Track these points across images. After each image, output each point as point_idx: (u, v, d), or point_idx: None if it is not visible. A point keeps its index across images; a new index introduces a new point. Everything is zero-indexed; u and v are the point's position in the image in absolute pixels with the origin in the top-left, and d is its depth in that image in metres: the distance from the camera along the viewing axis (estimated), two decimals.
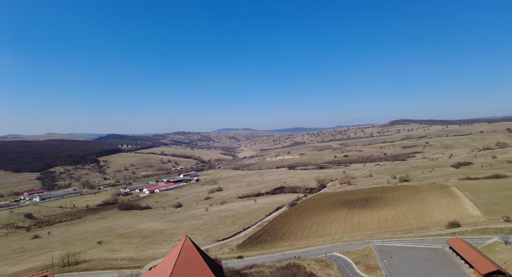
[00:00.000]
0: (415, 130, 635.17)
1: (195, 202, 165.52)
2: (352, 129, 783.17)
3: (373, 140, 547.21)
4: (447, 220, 70.31)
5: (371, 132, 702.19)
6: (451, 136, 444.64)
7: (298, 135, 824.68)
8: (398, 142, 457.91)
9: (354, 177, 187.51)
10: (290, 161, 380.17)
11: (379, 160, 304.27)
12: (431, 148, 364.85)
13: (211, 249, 69.03)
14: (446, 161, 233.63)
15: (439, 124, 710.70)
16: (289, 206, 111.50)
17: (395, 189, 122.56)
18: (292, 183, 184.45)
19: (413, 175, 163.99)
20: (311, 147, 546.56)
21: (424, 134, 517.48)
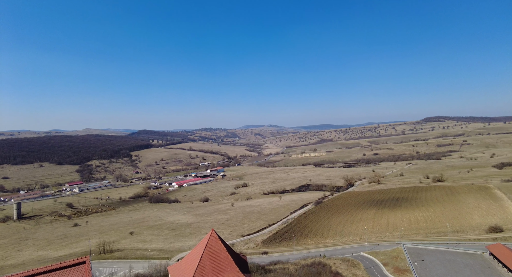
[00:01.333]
0: (452, 127, 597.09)
1: (221, 197, 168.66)
2: (382, 127, 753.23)
3: (405, 137, 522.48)
4: (487, 224, 65.58)
5: (403, 130, 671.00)
6: (493, 134, 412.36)
7: (325, 132, 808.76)
8: (432, 139, 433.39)
9: (384, 176, 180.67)
10: (316, 159, 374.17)
11: (411, 158, 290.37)
12: (470, 146, 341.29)
13: (237, 243, 70.09)
14: (487, 160, 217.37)
15: (479, 121, 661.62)
16: (314, 204, 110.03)
17: (428, 189, 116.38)
18: (318, 180, 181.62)
19: (449, 175, 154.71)
20: (339, 144, 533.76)
21: (462, 132, 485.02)
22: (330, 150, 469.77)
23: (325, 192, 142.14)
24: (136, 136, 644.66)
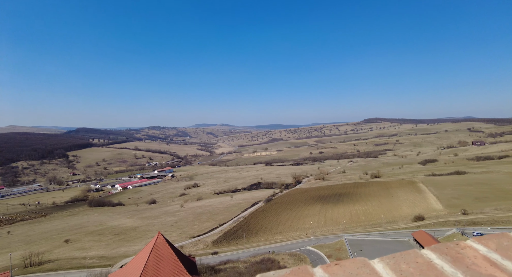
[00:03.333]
0: (387, 128, 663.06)
1: (170, 198, 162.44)
2: (327, 127, 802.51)
3: (347, 137, 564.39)
4: (413, 214, 74.39)
5: (346, 130, 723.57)
6: (419, 134, 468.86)
7: (276, 132, 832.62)
8: (370, 139, 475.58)
9: (328, 173, 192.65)
10: (267, 157, 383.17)
11: (352, 156, 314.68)
12: (401, 145, 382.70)
13: (186, 245, 68.25)
14: (414, 158, 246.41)
15: (409, 123, 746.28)
16: (265, 201, 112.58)
17: (366, 185, 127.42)
18: (269, 178, 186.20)
19: (384, 171, 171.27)
20: (288, 144, 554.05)
21: (395, 133, 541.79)
22: (280, 148, 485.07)
23: (275, 189, 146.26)
24: (74, 135, 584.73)
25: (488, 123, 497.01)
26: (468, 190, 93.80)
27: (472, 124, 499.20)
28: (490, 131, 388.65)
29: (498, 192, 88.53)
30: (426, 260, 0.94)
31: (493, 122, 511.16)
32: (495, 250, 0.92)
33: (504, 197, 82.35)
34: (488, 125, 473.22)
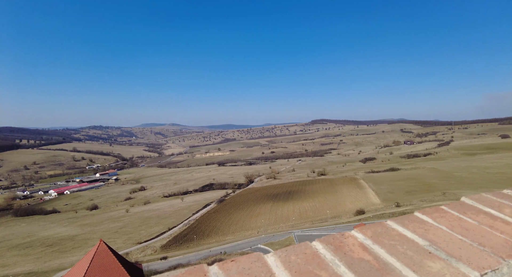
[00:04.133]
0: (332, 129, 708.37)
1: (113, 203, 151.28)
2: (278, 127, 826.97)
3: (297, 137, 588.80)
4: (355, 209, 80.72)
5: (295, 131, 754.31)
6: (360, 135, 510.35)
7: (228, 132, 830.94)
8: (317, 139, 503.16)
9: (279, 171, 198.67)
10: (220, 158, 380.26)
11: (301, 155, 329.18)
12: (345, 145, 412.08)
13: (132, 252, 64.25)
14: (356, 156, 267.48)
15: (351, 124, 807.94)
16: (217, 202, 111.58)
17: (314, 182, 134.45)
18: (222, 179, 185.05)
19: (329, 169, 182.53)
20: (241, 144, 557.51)
21: (339, 133, 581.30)
22: (233, 149, 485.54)
23: (227, 190, 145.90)
24: None
25: (416, 125, 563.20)
26: (400, 185, 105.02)
27: (404, 126, 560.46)
28: (418, 132, 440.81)
29: (423, 186, 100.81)
30: (313, 251, 1.04)
31: (420, 124, 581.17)
32: (370, 237, 1.07)
33: (428, 189, 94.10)
34: (416, 126, 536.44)
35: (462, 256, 0.98)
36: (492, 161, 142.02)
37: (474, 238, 1.09)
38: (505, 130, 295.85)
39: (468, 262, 0.96)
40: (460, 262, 0.95)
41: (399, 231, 1.11)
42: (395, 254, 1.00)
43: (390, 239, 1.09)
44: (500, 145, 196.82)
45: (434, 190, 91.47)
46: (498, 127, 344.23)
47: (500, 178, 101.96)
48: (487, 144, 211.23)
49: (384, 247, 1.05)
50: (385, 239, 1.10)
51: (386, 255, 1.01)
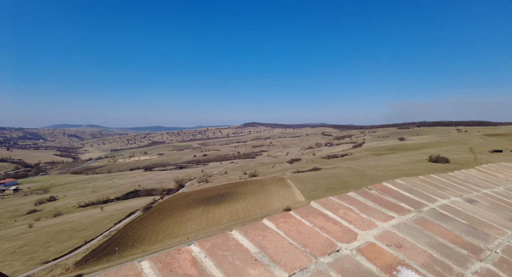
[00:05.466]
0: (262, 132, 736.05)
1: (11, 218, 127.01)
2: (211, 130, 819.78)
3: (229, 140, 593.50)
4: (283, 207, 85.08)
5: (228, 133, 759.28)
6: (288, 137, 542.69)
7: (157, 134, 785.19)
8: (249, 141, 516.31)
9: (212, 175, 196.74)
10: (147, 162, 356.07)
11: (233, 158, 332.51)
12: (274, 147, 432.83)
13: (36, 274, 54.84)
14: (284, 157, 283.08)
15: (280, 127, 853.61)
16: (143, 210, 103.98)
17: (245, 184, 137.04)
18: (149, 185, 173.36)
19: (260, 171, 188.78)
20: (171, 147, 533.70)
21: (269, 136, 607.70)
22: (162, 152, 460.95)
23: (155, 196, 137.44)
24: None
25: (335, 129, 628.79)
26: (322, 183, 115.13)
27: (324, 129, 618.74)
28: (336, 135, 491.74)
29: (341, 183, 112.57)
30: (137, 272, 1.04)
31: (338, 128, 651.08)
32: (206, 250, 1.09)
33: (345, 186, 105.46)
34: (335, 130, 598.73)
35: (282, 259, 1.05)
36: (393, 159, 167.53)
37: (302, 240, 1.16)
38: (402, 133, 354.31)
39: (284, 265, 1.04)
40: (277, 266, 1.02)
41: (238, 241, 1.13)
42: (222, 265, 1.02)
43: (225, 249, 1.10)
44: (399, 146, 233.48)
45: (350, 187, 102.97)
46: (397, 131, 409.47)
47: (398, 174, 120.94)
48: (389, 145, 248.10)
49: (215, 259, 1.07)
50: (220, 250, 1.11)
51: (213, 267, 1.03)
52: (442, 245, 1.31)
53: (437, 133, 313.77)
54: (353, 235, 1.26)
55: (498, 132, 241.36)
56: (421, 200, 1.84)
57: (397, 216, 1.53)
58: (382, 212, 1.55)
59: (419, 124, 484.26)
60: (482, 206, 1.90)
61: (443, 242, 1.34)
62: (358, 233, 1.29)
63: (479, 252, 1.31)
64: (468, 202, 1.97)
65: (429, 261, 1.17)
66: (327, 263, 1.04)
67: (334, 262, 1.05)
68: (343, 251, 1.13)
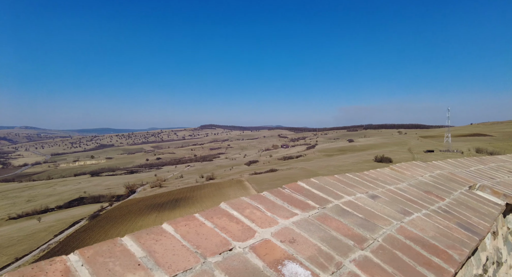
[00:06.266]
0: (220, 134, 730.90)
1: None
2: (165, 132, 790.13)
3: (185, 142, 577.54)
4: None
5: (184, 135, 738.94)
6: (246, 140, 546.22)
7: (105, 137, 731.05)
8: (206, 144, 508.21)
9: (166, 179, 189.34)
10: (94, 167, 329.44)
11: (190, 161, 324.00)
12: (232, 149, 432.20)
13: None
14: (242, 160, 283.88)
15: (238, 129, 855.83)
16: (89, 218, 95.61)
17: (202, 187, 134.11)
18: (96, 191, 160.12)
19: (218, 173, 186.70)
20: (121, 150, 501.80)
21: (227, 138, 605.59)
22: (111, 156, 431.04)
23: (103, 203, 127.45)
24: None
25: (290, 131, 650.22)
26: (278, 184, 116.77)
27: (281, 132, 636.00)
28: (292, 137, 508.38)
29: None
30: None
31: (293, 130, 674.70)
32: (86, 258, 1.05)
33: None
34: (291, 132, 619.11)
35: (168, 262, 1.04)
36: (343, 160, 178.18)
37: (198, 242, 1.17)
38: (351, 136, 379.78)
39: (168, 267, 1.03)
40: (160, 269, 1.01)
41: (125, 246, 1.10)
42: (99, 273, 0.97)
43: (109, 256, 1.05)
44: (348, 147, 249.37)
45: None
46: (347, 134, 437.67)
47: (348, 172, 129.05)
48: (339, 147, 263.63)
49: (93, 267, 0.98)
50: (102, 257, 1.04)
51: (88, 275, 0.96)
52: (333, 238, 1.41)
53: (381, 135, 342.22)
54: (252, 233, 1.29)
55: (430, 134, 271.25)
56: (328, 197, 1.90)
57: (300, 213, 1.59)
58: (288, 210, 1.60)
59: (366, 127, 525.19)
60: (382, 201, 2.04)
61: (335, 235, 1.43)
62: (257, 231, 1.33)
63: (363, 241, 1.43)
64: (371, 197, 2.07)
65: (316, 253, 1.24)
66: (214, 263, 1.06)
67: (222, 261, 1.08)
68: (236, 249, 1.16)
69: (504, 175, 3.85)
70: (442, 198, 2.50)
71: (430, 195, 2.49)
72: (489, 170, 4.05)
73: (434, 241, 1.61)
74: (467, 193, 2.96)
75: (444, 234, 1.74)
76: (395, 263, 1.32)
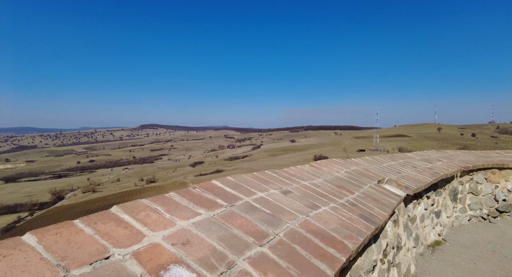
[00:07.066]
0: (163, 134, 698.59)
1: None
2: (100, 132, 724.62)
3: (123, 143, 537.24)
4: None
5: (121, 136, 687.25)
6: (191, 140, 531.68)
7: (25, 137, 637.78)
8: (147, 145, 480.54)
9: (101, 183, 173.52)
10: (10, 171, 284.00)
11: (128, 163, 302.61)
12: (176, 150, 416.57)
13: None
14: (186, 161, 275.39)
15: (182, 130, 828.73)
16: (2, 232, 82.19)
17: (142, 191, 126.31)
18: (11, 200, 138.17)
19: (160, 176, 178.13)
20: (47, 152, 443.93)
21: (170, 138, 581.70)
22: (33, 159, 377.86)
23: (21, 213, 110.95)
24: None
25: (237, 131, 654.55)
26: None
27: (227, 132, 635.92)
28: (238, 137, 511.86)
29: None
30: None
31: (240, 130, 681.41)
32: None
33: None
34: (237, 133, 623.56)
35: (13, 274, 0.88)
36: (286, 159, 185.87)
37: (66, 252, 1.03)
38: (293, 136, 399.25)
39: None
40: None
41: None
42: None
43: None
44: (290, 147, 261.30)
45: None
46: (289, 134, 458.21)
47: None
48: (283, 147, 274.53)
49: None
50: None
51: None
52: (234, 236, 1.36)
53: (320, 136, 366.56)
54: (139, 238, 1.19)
55: (362, 135, 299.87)
56: (240, 195, 1.83)
57: (205, 213, 1.51)
58: (191, 210, 1.51)
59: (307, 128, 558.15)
60: (293, 196, 2.07)
61: (236, 233, 1.39)
62: (147, 235, 1.23)
63: (264, 238, 1.40)
64: (283, 193, 2.04)
65: (209, 254, 1.19)
66: (79, 275, 0.93)
67: (91, 271, 0.96)
68: (114, 257, 1.05)
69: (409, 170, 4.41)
70: (352, 192, 2.62)
71: (342, 189, 2.60)
72: (398, 165, 4.59)
73: (334, 232, 1.64)
74: (375, 186, 3.09)
75: (345, 225, 1.78)
76: (291, 257, 1.32)
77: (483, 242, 4.75)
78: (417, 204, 3.99)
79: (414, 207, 3.88)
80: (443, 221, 5.05)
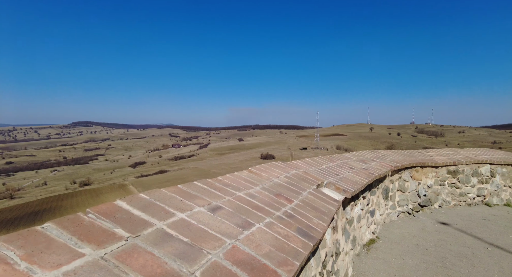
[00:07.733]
0: (99, 132, 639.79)
1: None
2: (21, 130, 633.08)
3: (51, 142, 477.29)
4: None
5: (49, 134, 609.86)
6: (131, 139, 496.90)
7: None
8: (80, 144, 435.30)
9: (21, 188, 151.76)
10: None
11: (57, 164, 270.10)
12: (114, 150, 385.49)
13: None
14: (126, 161, 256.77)
15: (121, 128, 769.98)
16: None
17: (74, 195, 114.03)
18: None
19: (95, 178, 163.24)
20: None
21: (108, 137, 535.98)
22: None
23: None
24: None
25: (182, 130, 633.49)
26: (168, 185, 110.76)
27: (172, 130, 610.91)
28: (184, 136, 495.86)
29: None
30: None
31: (186, 129, 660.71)
32: None
33: None
34: (183, 131, 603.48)
35: None
36: (234, 158, 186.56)
37: None
38: (241, 135, 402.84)
39: None
40: None
41: None
42: None
43: None
44: (238, 146, 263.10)
45: None
46: (237, 133, 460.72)
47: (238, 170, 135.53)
48: (231, 146, 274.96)
49: None
50: None
51: None
52: None
53: (266, 135, 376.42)
54: None
55: (305, 134, 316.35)
56: (151, 219, 1.42)
57: (90, 253, 1.06)
58: (71, 250, 1.04)
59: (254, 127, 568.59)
60: (223, 213, 1.71)
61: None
62: None
63: None
64: (211, 211, 1.70)
65: None
66: None
67: None
68: None
69: (346, 171, 4.48)
70: (290, 200, 2.39)
71: (280, 198, 2.36)
72: (336, 167, 4.64)
73: (266, 259, 1.39)
74: (314, 192, 2.93)
75: (280, 247, 1.55)
76: None
77: (408, 236, 5.13)
78: (354, 206, 4.06)
79: (351, 208, 3.93)
80: (377, 219, 5.32)
